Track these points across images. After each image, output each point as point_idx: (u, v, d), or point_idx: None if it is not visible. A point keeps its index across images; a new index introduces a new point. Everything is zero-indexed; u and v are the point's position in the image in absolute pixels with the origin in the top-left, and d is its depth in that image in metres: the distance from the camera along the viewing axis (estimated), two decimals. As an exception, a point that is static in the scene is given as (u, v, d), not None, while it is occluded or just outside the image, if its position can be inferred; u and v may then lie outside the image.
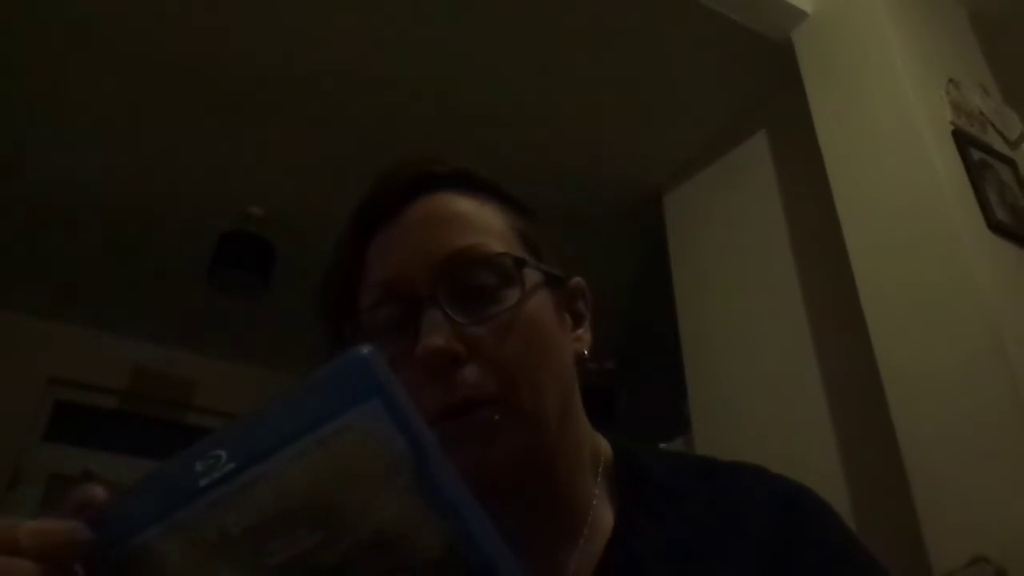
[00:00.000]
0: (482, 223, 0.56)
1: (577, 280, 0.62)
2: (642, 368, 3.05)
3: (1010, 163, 1.66)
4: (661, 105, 2.23)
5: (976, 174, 1.55)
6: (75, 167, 2.46)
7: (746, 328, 2.04)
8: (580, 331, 0.61)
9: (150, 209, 2.64)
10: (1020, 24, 1.95)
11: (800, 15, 1.88)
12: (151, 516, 0.32)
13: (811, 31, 1.88)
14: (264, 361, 3.50)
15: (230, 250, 2.59)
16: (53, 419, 3.10)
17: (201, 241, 2.62)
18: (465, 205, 0.56)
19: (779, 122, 2.13)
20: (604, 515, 0.57)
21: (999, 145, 1.69)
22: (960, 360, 1.37)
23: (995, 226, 1.50)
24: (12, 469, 2.89)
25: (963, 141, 1.58)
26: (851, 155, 1.69)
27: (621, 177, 2.49)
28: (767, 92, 2.13)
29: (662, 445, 2.07)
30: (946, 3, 1.92)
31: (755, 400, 1.94)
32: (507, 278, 0.53)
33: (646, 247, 2.59)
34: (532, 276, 0.55)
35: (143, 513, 0.32)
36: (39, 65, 2.08)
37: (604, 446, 0.61)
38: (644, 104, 2.23)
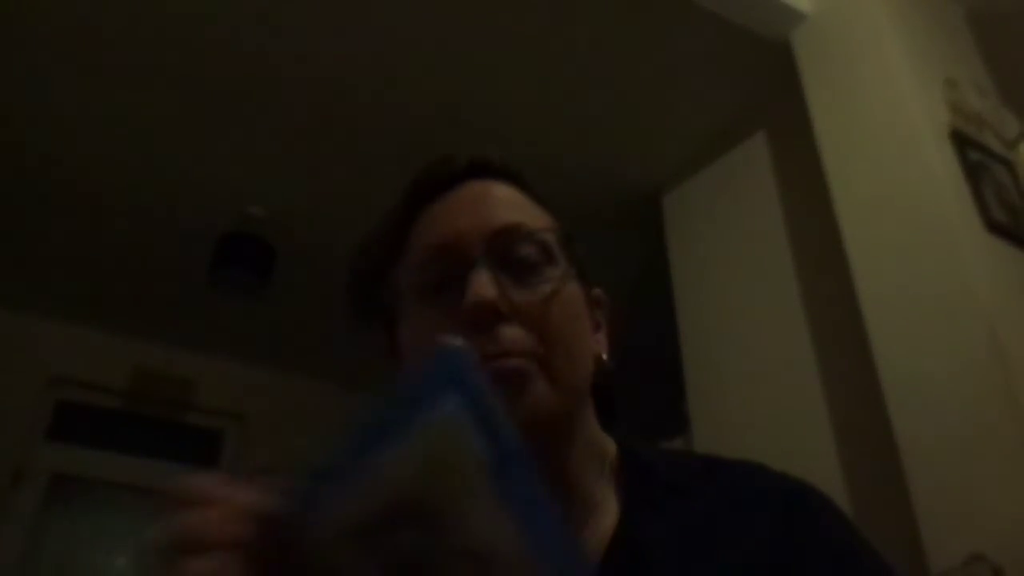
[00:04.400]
0: (531, 211, 0.60)
1: (599, 291, 0.65)
2: (642, 368, 3.06)
3: (1007, 164, 1.67)
4: (660, 106, 2.23)
5: (974, 175, 1.55)
6: (76, 167, 2.46)
7: (745, 328, 2.04)
8: (599, 335, 0.63)
9: (151, 209, 2.64)
10: (1016, 24, 1.95)
11: (798, 17, 1.89)
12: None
13: (809, 33, 1.88)
14: (264, 361, 3.51)
15: (230, 250, 2.60)
16: (55, 418, 3.10)
17: (201, 241, 2.63)
18: (516, 195, 0.61)
19: (778, 123, 2.13)
20: (609, 510, 0.57)
21: (996, 146, 1.69)
22: (958, 359, 1.37)
23: (993, 226, 1.51)
24: (13, 468, 2.90)
25: (961, 142, 1.59)
26: (849, 156, 1.70)
27: (620, 177, 2.50)
28: (766, 93, 2.13)
29: (662, 444, 2.07)
30: (943, 3, 1.93)
31: (754, 399, 1.94)
32: (550, 257, 0.57)
33: (645, 247, 2.59)
34: (570, 265, 0.59)
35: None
36: (38, 68, 2.09)
37: (610, 444, 0.62)
38: (643, 105, 2.23)
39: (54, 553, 2.96)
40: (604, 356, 0.61)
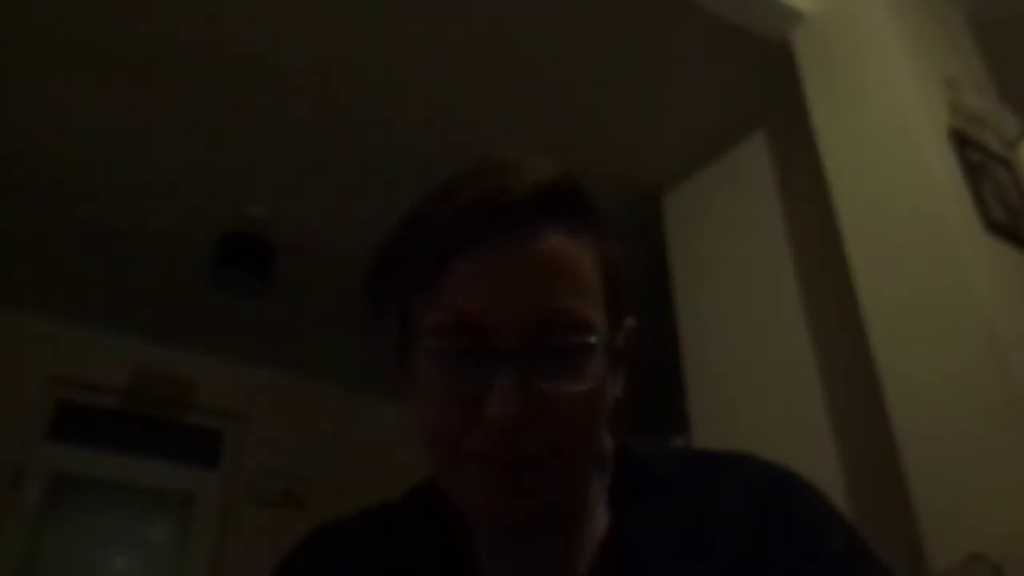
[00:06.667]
0: (580, 278, 0.53)
1: (631, 321, 0.61)
2: (642, 368, 3.06)
3: (1007, 164, 1.67)
4: (660, 106, 2.24)
5: (973, 175, 1.55)
6: (76, 168, 2.46)
7: (745, 327, 2.05)
8: (619, 373, 0.59)
9: (151, 209, 2.64)
10: (1016, 24, 1.96)
11: (798, 17, 1.89)
12: None
13: (809, 33, 1.88)
14: (264, 361, 3.51)
15: (230, 250, 2.60)
16: (55, 418, 3.11)
17: (201, 241, 2.63)
18: (567, 252, 0.53)
19: (778, 122, 2.14)
20: (603, 510, 0.58)
21: (995, 146, 1.69)
22: (957, 359, 1.38)
23: (992, 226, 1.51)
24: (14, 468, 2.90)
25: (960, 142, 1.59)
26: (850, 155, 1.70)
27: (620, 176, 2.50)
28: (766, 92, 2.14)
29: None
30: (943, 4, 1.93)
31: (754, 399, 1.94)
32: (588, 351, 0.51)
33: (645, 246, 2.60)
34: (608, 352, 0.54)
35: None
36: (39, 69, 2.09)
37: (608, 444, 0.63)
38: (643, 105, 2.24)
39: (54, 553, 2.97)
40: (617, 396, 0.59)
